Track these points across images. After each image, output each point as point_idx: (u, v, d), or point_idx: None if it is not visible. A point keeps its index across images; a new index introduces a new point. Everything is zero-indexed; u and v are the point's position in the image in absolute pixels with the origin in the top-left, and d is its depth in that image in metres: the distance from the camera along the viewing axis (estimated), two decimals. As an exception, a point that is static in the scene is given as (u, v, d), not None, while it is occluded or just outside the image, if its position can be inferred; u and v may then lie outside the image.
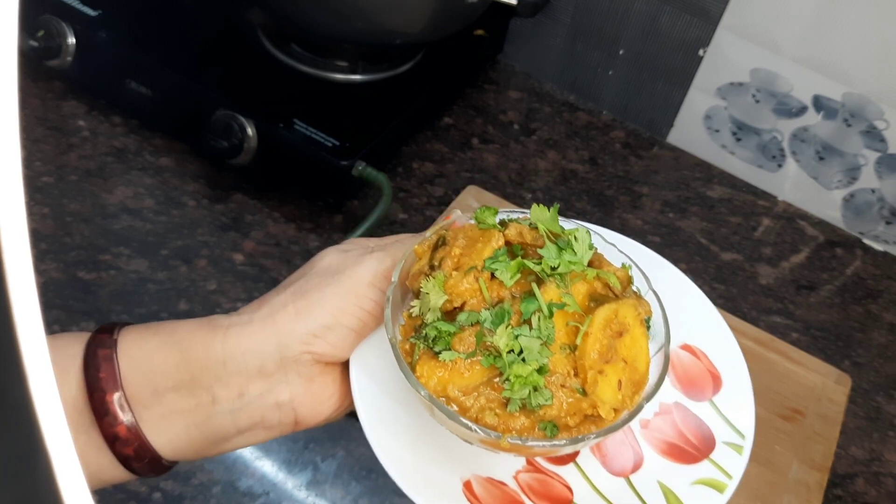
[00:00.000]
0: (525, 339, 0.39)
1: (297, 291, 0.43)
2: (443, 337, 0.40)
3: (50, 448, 0.18)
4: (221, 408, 0.42)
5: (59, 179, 0.78)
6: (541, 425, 0.39)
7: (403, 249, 0.45)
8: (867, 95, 0.85)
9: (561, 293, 0.40)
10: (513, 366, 0.38)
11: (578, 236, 0.42)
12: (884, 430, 0.76)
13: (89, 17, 0.83)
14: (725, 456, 0.44)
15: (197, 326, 0.43)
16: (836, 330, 0.83)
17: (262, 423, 0.43)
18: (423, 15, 0.82)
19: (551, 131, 0.97)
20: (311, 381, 0.43)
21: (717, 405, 0.46)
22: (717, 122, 0.95)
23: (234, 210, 0.80)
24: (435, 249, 0.43)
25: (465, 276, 0.41)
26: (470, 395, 0.39)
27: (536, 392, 0.38)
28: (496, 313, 0.39)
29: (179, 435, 0.42)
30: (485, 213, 0.43)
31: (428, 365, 0.39)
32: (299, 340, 0.42)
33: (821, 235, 0.93)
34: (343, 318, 0.43)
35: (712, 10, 0.89)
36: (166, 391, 0.41)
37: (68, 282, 0.71)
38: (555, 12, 0.98)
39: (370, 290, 0.43)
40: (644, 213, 0.90)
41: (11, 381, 0.17)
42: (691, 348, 0.48)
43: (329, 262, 0.45)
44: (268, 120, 0.78)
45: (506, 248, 0.42)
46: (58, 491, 0.18)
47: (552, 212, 0.43)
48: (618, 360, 0.40)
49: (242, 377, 0.42)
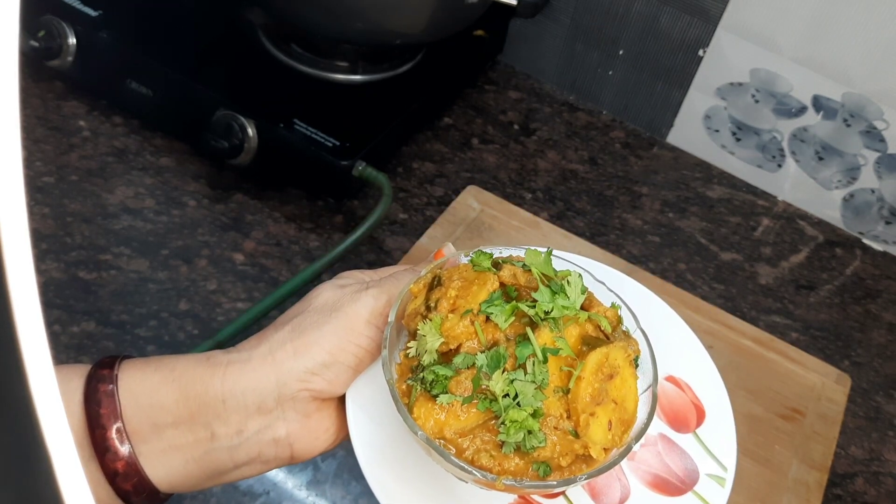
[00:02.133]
0: (520, 383, 0.40)
1: (296, 329, 0.44)
2: (440, 381, 0.41)
3: (50, 448, 0.18)
4: (220, 444, 0.43)
5: (60, 179, 0.78)
6: (534, 466, 0.40)
7: (399, 286, 0.45)
8: (867, 95, 0.85)
9: (554, 337, 0.41)
10: (508, 410, 0.39)
11: (571, 280, 0.43)
12: (883, 429, 0.76)
13: (90, 17, 0.83)
14: (709, 488, 0.45)
15: (196, 363, 0.43)
16: (836, 330, 0.83)
17: (259, 458, 0.44)
18: (423, 15, 0.82)
19: (551, 131, 0.97)
20: (307, 417, 0.44)
21: (700, 437, 0.47)
22: (716, 122, 0.95)
23: (234, 210, 0.80)
24: (430, 289, 0.44)
25: (462, 319, 0.42)
26: (466, 437, 0.40)
27: (531, 435, 0.39)
28: (492, 357, 0.41)
29: (178, 469, 0.42)
30: (480, 256, 0.45)
31: (425, 407, 0.40)
32: (297, 378, 0.43)
33: (820, 235, 0.93)
34: (340, 356, 0.43)
35: (712, 11, 0.89)
36: (166, 427, 0.42)
37: (69, 282, 0.71)
38: (555, 13, 0.98)
39: (367, 327, 0.44)
40: (644, 213, 0.90)
41: (11, 381, 0.17)
42: (676, 380, 0.50)
43: (326, 299, 0.45)
44: (268, 120, 0.78)
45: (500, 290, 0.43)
46: (58, 491, 0.18)
47: (545, 256, 0.44)
48: (608, 401, 0.41)
49: (241, 414, 0.43)
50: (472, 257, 0.45)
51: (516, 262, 0.45)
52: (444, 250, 0.50)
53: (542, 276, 0.43)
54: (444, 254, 0.49)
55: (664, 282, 0.79)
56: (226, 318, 0.71)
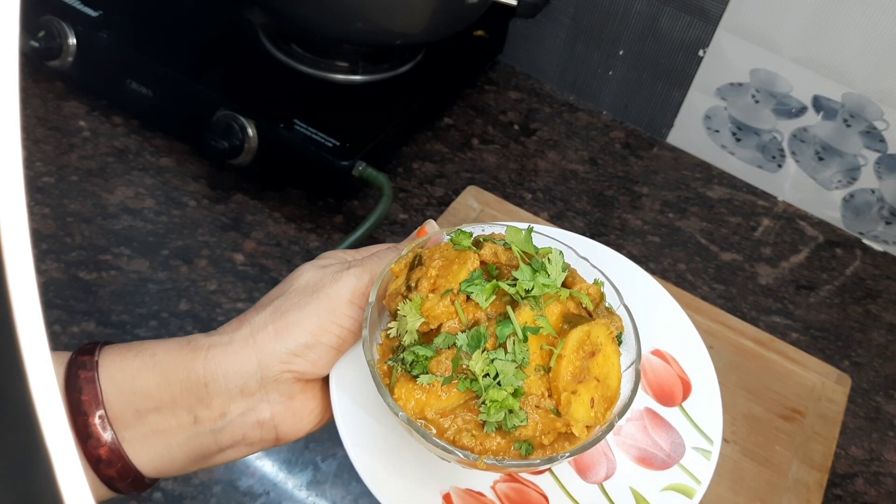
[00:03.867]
0: (500, 362, 0.40)
1: (277, 310, 0.44)
2: (420, 361, 0.40)
3: (50, 448, 0.18)
4: (203, 427, 0.43)
5: (60, 180, 0.78)
6: (516, 445, 0.40)
7: (380, 265, 0.45)
8: (867, 96, 0.85)
9: (535, 315, 0.41)
10: (489, 390, 0.39)
11: (552, 258, 0.43)
12: (883, 429, 0.76)
13: (90, 17, 0.83)
14: (694, 461, 0.45)
15: (177, 347, 0.43)
16: (836, 330, 0.83)
17: (244, 440, 0.44)
18: (424, 16, 0.82)
19: (551, 131, 0.97)
20: (291, 398, 0.44)
21: (686, 411, 0.47)
22: (716, 123, 0.95)
23: (234, 210, 0.80)
24: (411, 269, 0.44)
25: (442, 298, 0.41)
26: (447, 417, 0.40)
27: (512, 414, 0.39)
28: (472, 336, 0.40)
29: (162, 454, 0.42)
30: (460, 235, 0.44)
31: (406, 388, 0.40)
32: (280, 360, 0.43)
33: (820, 235, 0.93)
34: (323, 337, 0.43)
35: (712, 11, 0.89)
36: (148, 412, 0.42)
37: (69, 282, 0.71)
38: (555, 13, 0.98)
39: (349, 307, 0.44)
40: (644, 214, 0.90)
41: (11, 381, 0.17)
42: (662, 354, 0.50)
43: (307, 280, 0.45)
44: (268, 120, 0.78)
45: (481, 269, 0.43)
46: (58, 491, 0.18)
47: (526, 233, 0.44)
48: (590, 379, 0.41)
49: (224, 397, 0.42)
50: (453, 236, 0.44)
51: (498, 240, 0.45)
52: (427, 228, 0.49)
53: (523, 254, 0.43)
54: (427, 231, 0.48)
55: (664, 282, 0.79)
56: (226, 319, 0.71)
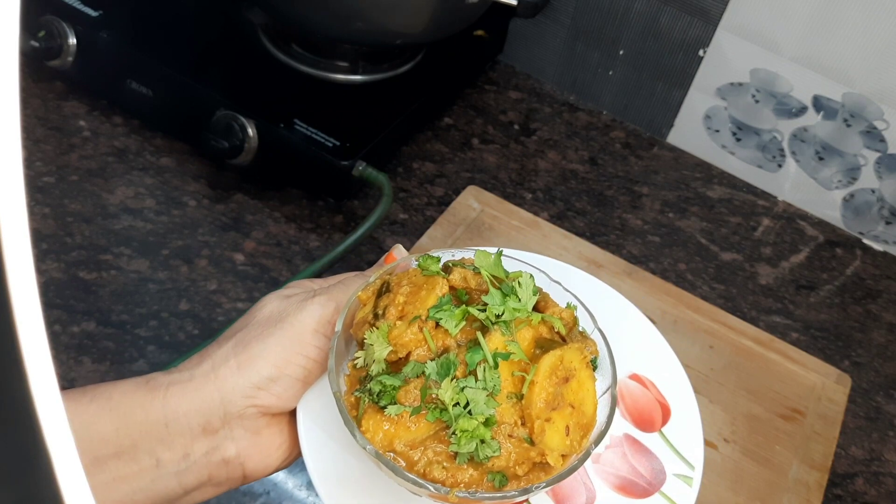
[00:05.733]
0: (471, 390, 0.38)
1: (239, 343, 0.42)
2: (388, 391, 0.39)
3: (50, 448, 0.18)
4: (166, 470, 0.41)
5: (60, 179, 0.78)
6: (489, 476, 0.38)
7: (347, 293, 0.44)
8: (867, 95, 0.85)
9: (506, 341, 0.40)
10: (459, 419, 0.38)
11: (522, 282, 0.41)
12: (883, 429, 0.76)
13: (90, 17, 0.83)
14: (676, 488, 0.44)
15: (135, 388, 0.41)
16: (836, 330, 0.83)
17: (210, 480, 0.42)
18: (424, 15, 0.82)
19: (551, 131, 0.97)
20: (257, 434, 0.42)
21: (666, 436, 0.46)
22: (716, 123, 0.95)
23: (234, 210, 0.80)
24: (379, 296, 0.43)
25: (410, 326, 0.40)
26: (417, 448, 0.38)
27: (484, 444, 0.38)
28: (441, 364, 0.39)
29: (124, 501, 0.41)
30: (427, 260, 0.43)
31: (373, 419, 0.39)
32: (243, 395, 0.41)
33: (820, 235, 0.93)
34: (287, 369, 0.42)
35: (712, 11, 0.89)
36: (107, 458, 0.40)
37: (69, 282, 0.71)
38: (555, 13, 0.98)
39: (314, 337, 0.42)
40: (644, 213, 0.90)
41: (11, 381, 0.17)
42: (640, 378, 0.48)
43: (271, 311, 0.43)
44: (268, 120, 0.78)
45: (450, 294, 0.42)
46: (58, 491, 0.18)
47: (496, 257, 0.43)
48: (565, 405, 0.40)
49: (186, 437, 0.41)
50: (420, 261, 0.43)
51: (468, 264, 0.44)
52: (395, 253, 0.48)
53: (493, 278, 0.42)
54: (395, 257, 0.47)
55: (664, 282, 0.79)
56: (226, 319, 0.71)
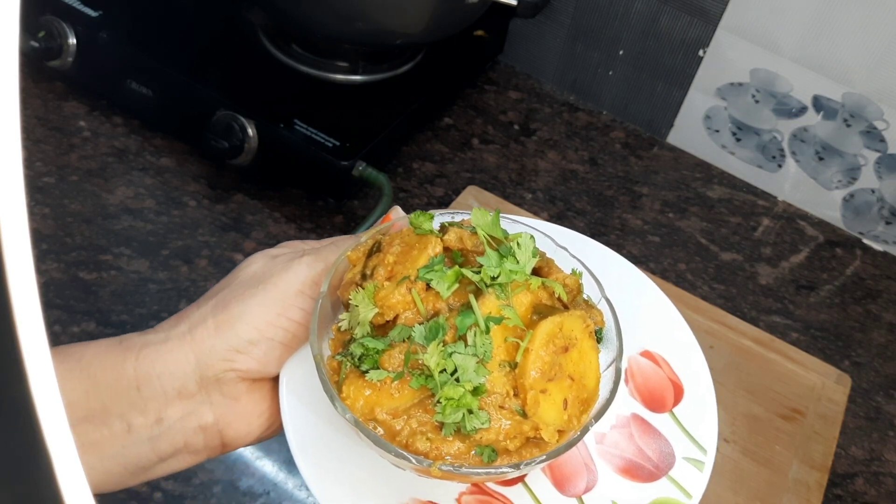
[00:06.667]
0: (459, 356, 0.35)
1: (219, 304, 0.40)
2: (370, 354, 0.36)
3: (50, 448, 0.18)
4: (139, 436, 0.39)
5: (60, 180, 0.78)
6: (477, 450, 0.35)
7: (337, 253, 0.41)
8: (867, 95, 0.85)
9: (501, 305, 0.37)
10: (444, 387, 0.35)
11: (521, 242, 0.38)
12: (883, 429, 0.76)
13: (90, 17, 0.83)
14: (685, 473, 0.41)
15: (107, 348, 0.39)
16: (836, 330, 0.83)
17: (186, 448, 0.40)
18: (424, 15, 0.82)
19: (551, 131, 0.97)
20: (236, 400, 0.40)
21: (677, 417, 0.43)
22: (716, 123, 0.95)
23: (234, 210, 0.80)
24: (369, 256, 0.40)
25: (398, 286, 0.37)
26: (399, 417, 0.36)
27: (471, 415, 0.35)
28: (429, 328, 0.36)
29: (95, 468, 0.39)
30: (420, 217, 0.40)
31: (354, 385, 0.36)
32: (221, 358, 0.39)
33: (820, 235, 0.93)
34: (269, 332, 0.39)
35: (712, 11, 0.89)
36: (77, 423, 0.38)
37: (69, 282, 0.71)
38: (555, 13, 0.98)
39: (299, 298, 0.40)
40: (644, 214, 0.90)
41: (11, 381, 0.17)
42: (652, 355, 0.45)
43: (255, 270, 0.41)
44: (268, 120, 0.78)
45: (444, 255, 0.39)
46: (58, 491, 0.18)
47: (494, 216, 0.40)
48: (563, 377, 0.37)
49: (159, 401, 0.39)
50: (411, 217, 0.40)
51: (466, 226, 0.40)
52: (392, 214, 0.45)
53: (489, 238, 0.39)
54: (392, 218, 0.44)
55: (664, 282, 0.79)
56: (226, 319, 0.71)
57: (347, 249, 0.40)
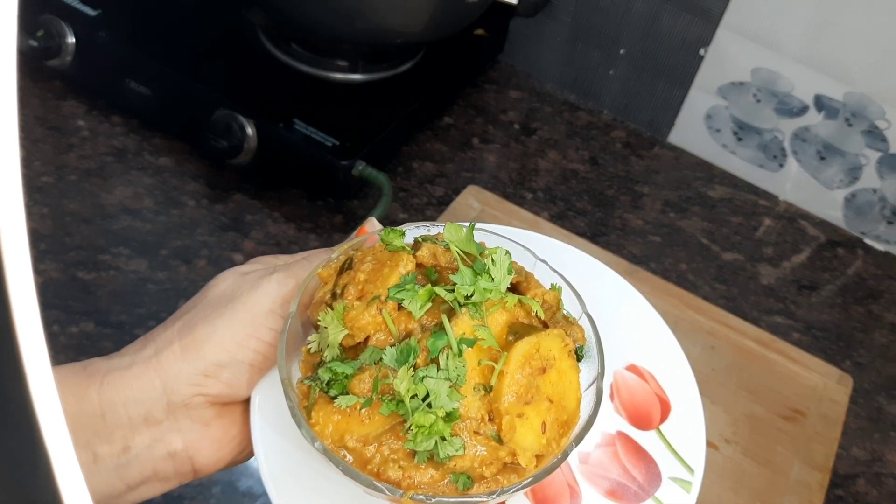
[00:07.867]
0: (431, 381, 0.34)
1: (185, 326, 0.38)
2: (339, 380, 0.35)
3: (50, 448, 0.18)
4: (105, 465, 0.37)
5: (59, 179, 0.78)
6: (452, 477, 0.34)
7: (309, 269, 0.39)
8: (868, 95, 0.85)
9: (475, 325, 0.35)
10: (415, 413, 0.33)
11: (496, 259, 0.37)
12: (885, 430, 0.76)
13: (89, 16, 0.83)
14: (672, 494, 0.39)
15: (70, 375, 0.38)
16: (838, 330, 0.83)
17: (156, 476, 0.39)
18: (424, 15, 0.82)
19: (552, 131, 0.97)
20: (207, 425, 0.39)
21: (664, 434, 0.42)
22: (718, 122, 0.95)
23: (233, 210, 0.80)
24: (340, 273, 0.38)
25: (368, 307, 0.36)
26: (371, 444, 0.34)
27: (444, 442, 0.33)
28: (400, 350, 0.34)
29: None
30: (390, 234, 0.38)
31: (323, 410, 0.35)
32: (188, 382, 0.37)
33: (822, 235, 0.93)
34: (238, 354, 0.38)
35: (713, 10, 0.88)
36: None
37: (68, 282, 0.70)
38: (555, 12, 0.98)
39: (269, 318, 0.38)
40: (645, 213, 0.90)
41: (11, 381, 0.17)
42: (638, 369, 0.44)
43: (223, 289, 0.39)
44: (268, 120, 0.78)
45: (417, 272, 0.37)
46: (58, 491, 0.18)
47: (468, 231, 0.38)
48: (541, 399, 0.35)
49: (125, 429, 0.37)
50: (382, 234, 0.38)
51: (440, 241, 0.39)
52: (367, 226, 0.43)
53: (463, 255, 0.37)
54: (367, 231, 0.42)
55: (666, 282, 0.79)
56: (226, 319, 0.71)
57: (319, 266, 0.39)
